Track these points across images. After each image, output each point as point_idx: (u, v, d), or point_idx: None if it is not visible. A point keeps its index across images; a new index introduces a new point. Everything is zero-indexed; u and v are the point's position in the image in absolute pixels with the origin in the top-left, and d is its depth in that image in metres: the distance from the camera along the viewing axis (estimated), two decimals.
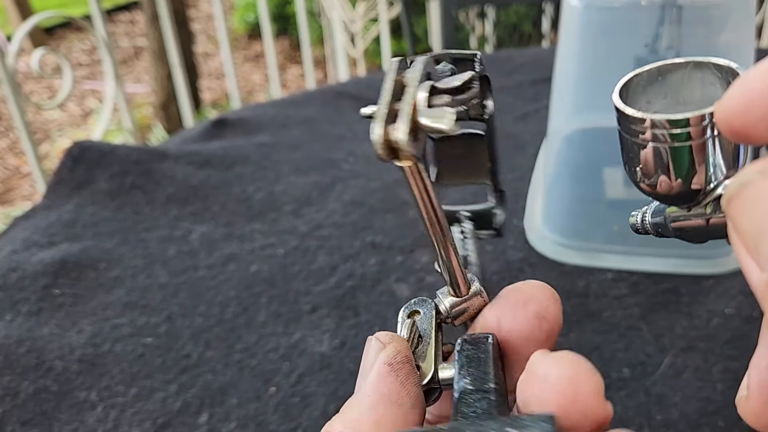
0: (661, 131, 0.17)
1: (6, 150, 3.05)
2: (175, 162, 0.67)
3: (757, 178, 0.14)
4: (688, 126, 0.17)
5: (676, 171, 0.18)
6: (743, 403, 0.16)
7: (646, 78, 0.19)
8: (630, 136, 0.18)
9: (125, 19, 4.49)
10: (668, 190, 0.19)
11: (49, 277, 0.52)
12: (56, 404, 0.42)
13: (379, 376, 0.20)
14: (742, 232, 0.14)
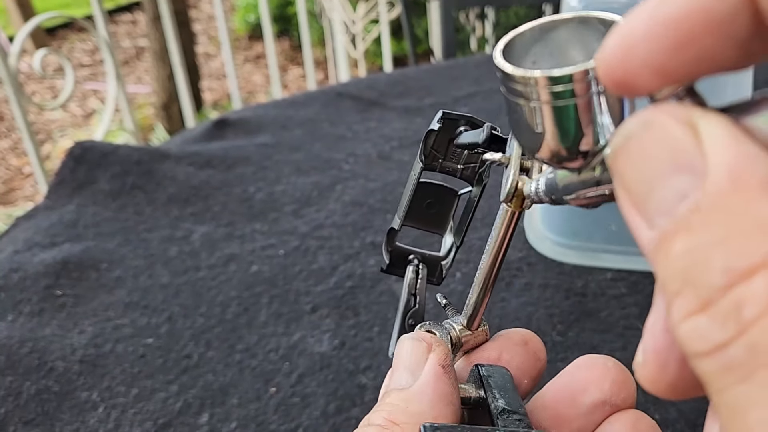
0: (544, 89, 0.16)
1: (8, 150, 3.05)
2: (176, 162, 0.67)
3: (641, 131, 0.13)
4: (571, 82, 0.16)
5: (562, 132, 0.17)
6: (639, 369, 0.15)
7: (529, 37, 0.18)
8: (513, 97, 0.17)
9: (127, 19, 4.50)
10: (555, 152, 0.17)
11: (51, 277, 0.52)
12: (58, 404, 0.42)
13: (436, 377, 0.21)
14: (629, 189, 0.14)
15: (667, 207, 0.12)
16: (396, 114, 0.78)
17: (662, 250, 0.13)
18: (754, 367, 0.11)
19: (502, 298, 0.48)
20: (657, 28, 0.13)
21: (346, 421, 0.40)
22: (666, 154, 0.13)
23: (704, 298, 0.12)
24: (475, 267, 0.53)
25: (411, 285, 0.29)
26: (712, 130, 0.12)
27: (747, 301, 0.11)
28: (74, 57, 3.89)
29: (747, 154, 0.12)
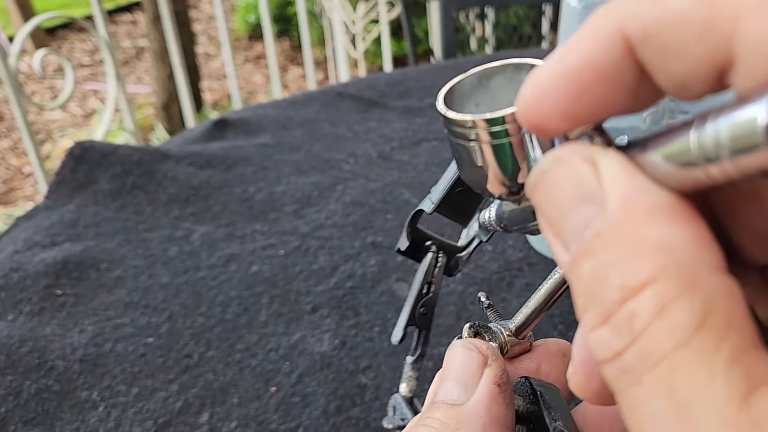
0: (482, 131, 0.18)
1: (8, 150, 3.05)
2: (176, 162, 0.67)
3: (552, 166, 0.15)
4: (505, 123, 0.18)
5: (501, 166, 0.19)
6: (570, 378, 0.17)
7: (469, 84, 0.20)
8: (456, 138, 0.19)
9: (127, 19, 4.50)
10: (497, 186, 0.19)
11: (51, 277, 0.52)
12: (58, 404, 0.42)
13: (491, 397, 0.21)
14: (546, 217, 0.15)
15: (576, 234, 0.14)
16: (396, 114, 0.78)
17: (573, 271, 0.14)
18: (644, 370, 0.13)
19: (503, 298, 0.48)
20: (559, 79, 0.15)
21: (347, 420, 0.40)
22: (572, 187, 0.14)
23: (605, 312, 0.13)
24: (477, 267, 0.53)
25: (428, 272, 0.28)
26: (609, 166, 0.14)
27: (637, 313, 0.13)
28: (74, 57, 3.89)
29: (637, 186, 0.13)
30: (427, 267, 0.28)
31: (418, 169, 0.66)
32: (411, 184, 0.63)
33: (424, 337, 0.29)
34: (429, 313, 0.29)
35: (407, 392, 0.31)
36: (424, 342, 0.29)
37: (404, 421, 0.30)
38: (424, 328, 0.29)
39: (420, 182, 0.63)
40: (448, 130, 0.19)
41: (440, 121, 0.21)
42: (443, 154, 0.68)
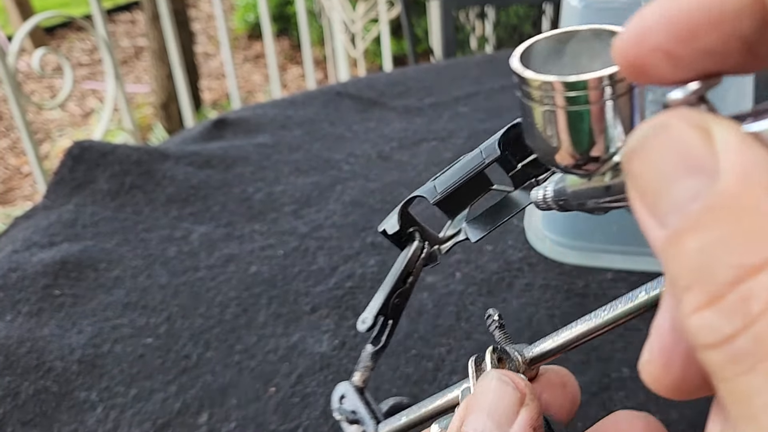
0: (560, 95, 0.17)
1: (7, 150, 3.05)
2: (175, 162, 0.67)
3: (655, 133, 0.14)
4: (586, 89, 0.17)
5: (575, 137, 0.18)
6: (644, 366, 0.16)
7: (545, 46, 0.19)
8: (529, 101, 0.18)
9: (125, 18, 4.49)
10: (567, 157, 0.18)
11: (50, 277, 0.52)
12: (56, 405, 0.42)
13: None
14: (641, 189, 0.14)
15: (679, 206, 0.13)
16: (396, 114, 0.78)
17: (673, 247, 0.13)
18: (759, 357, 0.12)
19: (503, 299, 0.48)
20: (667, 17, 0.14)
21: None
22: (679, 156, 0.13)
23: (713, 292, 0.12)
24: (476, 267, 0.53)
25: (411, 261, 0.27)
26: (724, 135, 0.13)
27: (754, 295, 0.12)
28: (73, 56, 3.89)
29: (756, 158, 0.12)
30: (410, 256, 0.27)
31: (418, 169, 0.66)
32: (411, 184, 0.63)
33: (391, 328, 0.28)
34: (402, 305, 0.27)
35: (360, 382, 0.29)
36: (389, 334, 0.28)
37: (356, 414, 0.29)
38: (394, 319, 0.27)
39: (420, 182, 0.63)
40: (521, 92, 0.18)
41: (440, 121, 0.20)
42: (443, 154, 0.68)
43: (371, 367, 0.29)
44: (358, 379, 0.29)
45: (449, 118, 0.76)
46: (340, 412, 0.29)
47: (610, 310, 0.23)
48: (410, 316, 0.47)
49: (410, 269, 0.27)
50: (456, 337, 0.45)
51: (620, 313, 0.23)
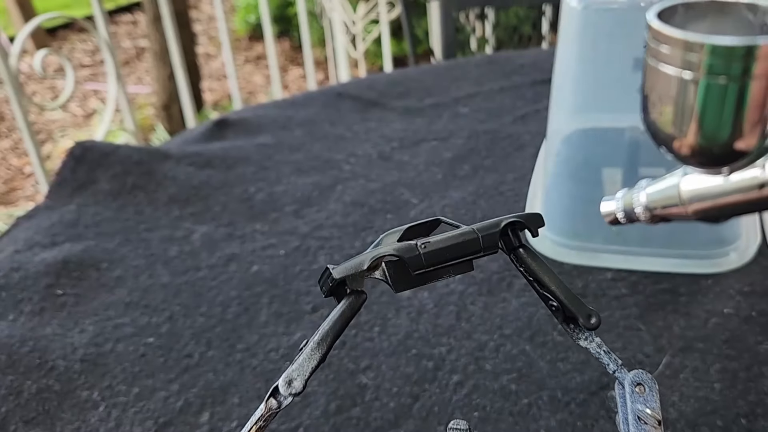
0: (710, 59, 0.13)
1: (9, 150, 3.05)
2: (176, 162, 0.67)
3: None
4: (753, 57, 0.12)
5: (720, 116, 0.13)
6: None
7: (687, 11, 0.15)
8: (662, 65, 0.14)
9: (127, 20, 4.50)
10: (696, 142, 0.14)
11: (52, 276, 0.52)
12: (58, 403, 0.42)
13: None
14: None
15: None
16: (396, 114, 0.78)
17: None
18: None
19: (503, 298, 0.48)
20: None
21: (347, 420, 0.40)
22: None
23: None
24: (476, 267, 0.53)
25: (353, 314, 0.25)
26: None
27: None
28: (75, 57, 3.89)
29: None
30: (356, 308, 0.25)
31: (418, 169, 0.66)
32: (411, 184, 0.63)
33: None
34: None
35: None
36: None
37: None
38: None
39: (420, 182, 0.63)
40: (652, 53, 0.14)
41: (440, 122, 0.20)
42: (443, 154, 0.68)
43: (267, 426, 0.25)
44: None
45: (449, 118, 0.76)
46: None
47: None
48: (410, 316, 0.47)
49: (351, 319, 0.25)
50: (456, 336, 0.45)
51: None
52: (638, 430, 0.24)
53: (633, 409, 0.25)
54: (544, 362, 0.42)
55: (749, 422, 0.38)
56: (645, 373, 0.25)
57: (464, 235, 0.25)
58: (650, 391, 0.25)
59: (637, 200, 0.18)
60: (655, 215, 0.17)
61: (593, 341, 0.26)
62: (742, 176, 0.14)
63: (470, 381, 0.42)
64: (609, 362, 0.26)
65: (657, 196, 0.17)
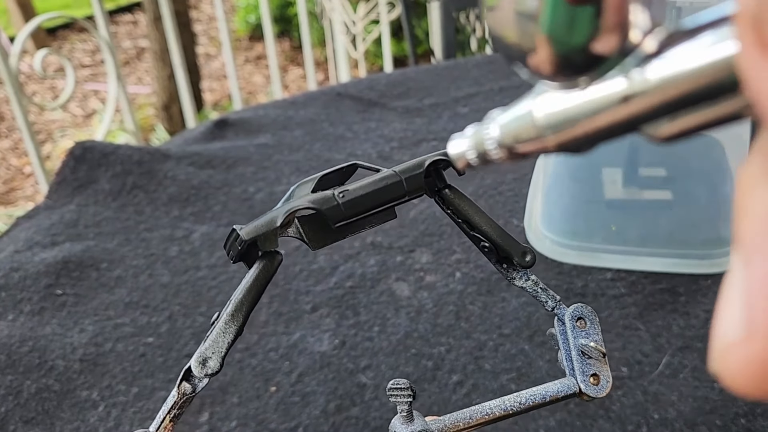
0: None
1: (8, 150, 3.05)
2: (176, 162, 0.67)
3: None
4: None
5: (574, 19, 0.11)
6: (737, 347, 0.10)
7: None
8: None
9: (127, 20, 4.50)
10: (555, 57, 0.11)
11: (51, 276, 0.52)
12: (58, 403, 0.42)
13: None
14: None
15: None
16: (396, 114, 0.78)
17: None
18: None
19: (502, 298, 0.48)
20: None
21: (346, 420, 0.40)
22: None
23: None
24: (476, 266, 0.53)
25: (268, 278, 0.23)
26: None
27: None
28: (75, 57, 3.90)
29: None
30: (272, 271, 0.23)
31: None
32: None
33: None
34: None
35: (171, 430, 0.23)
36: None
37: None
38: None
39: None
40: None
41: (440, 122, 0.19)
42: None
43: (184, 412, 0.23)
44: (154, 428, 0.22)
45: (449, 118, 0.76)
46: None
47: (524, 400, 0.23)
48: (410, 316, 0.47)
49: (267, 285, 0.23)
50: (456, 336, 0.45)
51: (533, 405, 0.23)
52: (583, 365, 0.23)
53: (576, 345, 0.24)
54: (543, 361, 0.42)
55: (748, 422, 0.38)
56: (585, 307, 0.24)
57: (386, 179, 0.23)
58: (591, 324, 0.24)
59: (488, 135, 0.14)
60: (513, 152, 0.14)
61: (529, 279, 0.25)
62: (602, 88, 0.12)
63: (469, 380, 0.42)
64: (547, 299, 0.25)
65: (510, 126, 0.14)
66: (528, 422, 0.39)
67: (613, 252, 0.50)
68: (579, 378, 0.23)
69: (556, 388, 0.23)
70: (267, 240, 0.22)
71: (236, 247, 0.22)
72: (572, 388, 0.23)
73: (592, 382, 0.23)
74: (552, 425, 0.38)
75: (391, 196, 0.23)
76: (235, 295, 0.22)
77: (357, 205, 0.22)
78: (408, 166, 0.23)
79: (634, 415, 0.39)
